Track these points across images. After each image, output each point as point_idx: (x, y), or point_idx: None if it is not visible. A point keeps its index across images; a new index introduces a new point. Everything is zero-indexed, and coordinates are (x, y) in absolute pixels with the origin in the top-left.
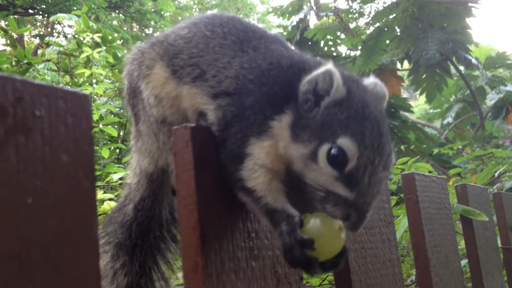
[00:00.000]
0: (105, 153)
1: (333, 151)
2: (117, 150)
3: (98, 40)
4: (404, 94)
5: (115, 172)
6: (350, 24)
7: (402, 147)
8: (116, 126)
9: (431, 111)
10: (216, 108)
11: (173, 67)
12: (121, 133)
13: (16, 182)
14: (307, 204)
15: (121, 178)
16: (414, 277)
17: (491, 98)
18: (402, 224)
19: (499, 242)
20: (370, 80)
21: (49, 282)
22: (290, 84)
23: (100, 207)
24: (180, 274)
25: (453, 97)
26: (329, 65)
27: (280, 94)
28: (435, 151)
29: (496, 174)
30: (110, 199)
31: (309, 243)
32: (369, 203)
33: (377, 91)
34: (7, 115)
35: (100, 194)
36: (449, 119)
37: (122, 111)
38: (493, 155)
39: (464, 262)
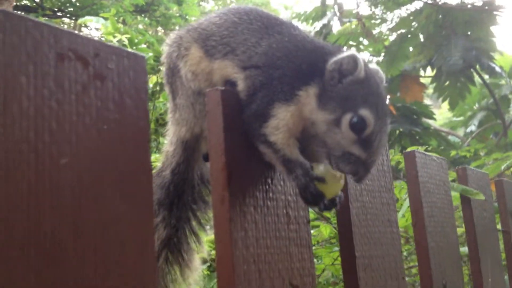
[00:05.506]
0: None
1: (354, 119)
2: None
3: (126, 42)
4: (428, 102)
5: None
6: (372, 30)
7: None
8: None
9: (454, 119)
10: (246, 78)
11: (206, 48)
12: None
13: (95, 114)
14: (312, 158)
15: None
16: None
17: None
18: (404, 206)
19: (499, 226)
20: (373, 67)
21: (115, 207)
22: (314, 64)
23: None
24: (210, 231)
25: (477, 105)
26: (353, 51)
27: (306, 71)
28: (453, 153)
29: (502, 168)
30: None
31: (322, 179)
32: (374, 161)
33: (379, 76)
34: (89, 65)
35: None
36: (472, 127)
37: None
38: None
39: (464, 249)
